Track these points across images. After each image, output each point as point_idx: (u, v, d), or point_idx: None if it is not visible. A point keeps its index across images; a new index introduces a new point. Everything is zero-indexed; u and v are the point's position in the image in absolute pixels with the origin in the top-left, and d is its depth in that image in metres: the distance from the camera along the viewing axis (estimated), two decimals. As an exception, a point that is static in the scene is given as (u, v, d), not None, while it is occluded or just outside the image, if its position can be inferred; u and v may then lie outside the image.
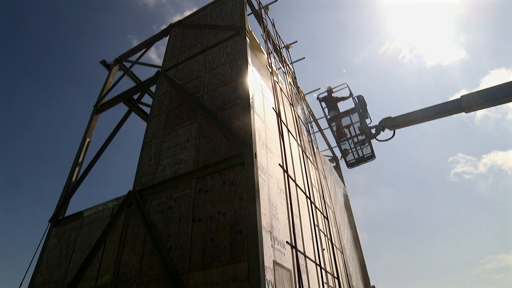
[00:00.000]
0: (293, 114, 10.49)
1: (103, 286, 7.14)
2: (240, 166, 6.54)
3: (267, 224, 6.09)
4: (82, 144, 11.32)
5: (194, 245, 6.20)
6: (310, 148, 11.69)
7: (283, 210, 7.09)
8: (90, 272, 7.69)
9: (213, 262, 5.79)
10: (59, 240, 9.20)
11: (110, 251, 7.60)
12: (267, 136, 7.82)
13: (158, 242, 6.66)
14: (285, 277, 6.24)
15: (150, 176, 8.08)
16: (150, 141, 8.93)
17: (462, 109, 10.90)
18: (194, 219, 6.50)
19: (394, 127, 12.13)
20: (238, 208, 6.05)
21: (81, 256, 8.19)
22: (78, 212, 9.32)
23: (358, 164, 14.40)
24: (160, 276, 6.30)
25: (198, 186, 6.91)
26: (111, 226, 7.93)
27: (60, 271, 8.43)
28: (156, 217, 7.13)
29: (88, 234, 8.53)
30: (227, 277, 5.52)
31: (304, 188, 8.52)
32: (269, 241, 5.99)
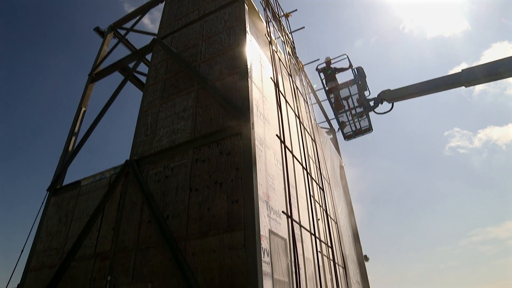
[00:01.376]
0: (291, 84, 10.35)
1: (103, 253, 7.30)
2: (237, 136, 6.51)
3: (263, 194, 6.15)
4: (78, 114, 11.20)
5: (191, 214, 6.29)
6: (307, 119, 11.64)
7: (279, 181, 7.14)
8: (89, 239, 7.83)
9: (210, 230, 5.89)
10: (57, 209, 9.30)
11: (108, 219, 7.71)
12: (265, 106, 7.74)
13: (156, 210, 6.74)
14: (280, 245, 6.38)
15: (147, 145, 8.05)
16: (147, 111, 8.84)
17: (462, 83, 10.80)
18: (191, 189, 6.55)
19: (392, 100, 12.05)
20: (235, 178, 6.08)
21: (80, 224, 8.31)
22: (75, 181, 9.37)
23: (355, 136, 14.42)
24: (158, 244, 6.43)
25: (195, 156, 6.91)
26: (109, 195, 8.00)
27: (60, 239, 8.59)
28: (153, 186, 7.18)
29: (86, 203, 8.62)
30: (224, 245, 5.64)
31: (300, 159, 8.55)
32: (265, 211, 6.07)
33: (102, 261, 7.19)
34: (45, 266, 8.39)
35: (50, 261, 8.37)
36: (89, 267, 7.36)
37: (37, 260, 8.73)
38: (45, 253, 8.69)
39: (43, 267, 8.44)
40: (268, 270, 5.55)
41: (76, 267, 7.67)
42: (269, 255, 5.75)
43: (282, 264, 6.25)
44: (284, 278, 6.16)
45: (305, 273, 7.02)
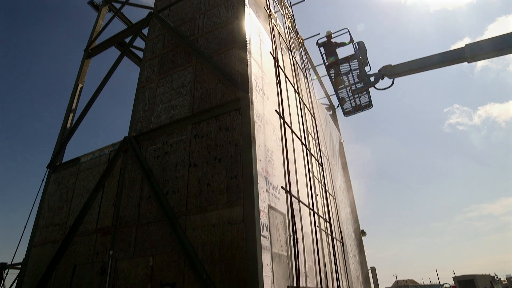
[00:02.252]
0: (290, 59, 10.17)
1: (104, 228, 7.40)
2: (236, 111, 6.45)
3: (262, 170, 6.16)
4: (75, 90, 11.07)
5: (190, 190, 6.32)
6: (307, 95, 11.53)
7: (278, 157, 7.14)
8: (91, 215, 7.92)
9: (210, 205, 5.95)
10: (58, 186, 9.35)
11: (108, 195, 7.76)
12: (264, 81, 7.63)
13: (155, 186, 6.77)
14: (279, 220, 6.46)
15: (145, 122, 8.00)
16: (144, 86, 8.72)
17: (465, 59, 10.61)
18: (190, 164, 6.56)
19: (393, 75, 11.89)
20: (234, 153, 6.07)
21: (80, 200, 8.38)
22: (75, 158, 9.38)
23: (354, 112, 14.33)
24: (158, 219, 6.51)
25: (194, 131, 6.87)
26: (109, 172, 8.03)
27: (62, 215, 8.69)
28: (152, 162, 7.19)
29: (86, 179, 8.66)
30: (223, 220, 5.70)
31: (300, 135, 8.52)
32: (264, 186, 6.10)
33: (104, 236, 7.30)
34: (48, 241, 8.54)
35: (53, 237, 8.51)
36: (92, 242, 7.48)
37: (40, 235, 8.87)
38: (47, 229, 8.81)
39: (46, 242, 8.59)
40: (267, 244, 5.64)
41: (78, 242, 7.80)
42: (268, 230, 5.83)
43: (281, 238, 6.34)
44: (282, 252, 6.27)
45: (303, 247, 7.15)
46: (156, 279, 6.05)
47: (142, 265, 6.37)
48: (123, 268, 6.62)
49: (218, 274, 5.38)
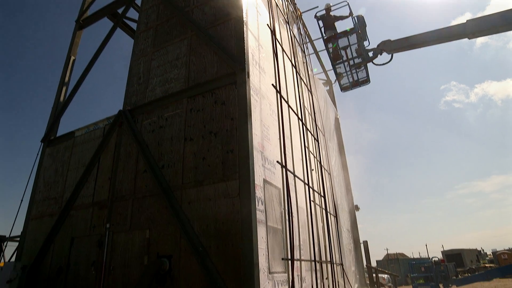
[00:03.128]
0: (288, 33, 9.95)
1: (100, 202, 7.43)
2: (232, 85, 6.35)
3: (258, 145, 6.14)
4: (67, 62, 10.82)
5: (186, 164, 6.32)
6: (304, 69, 11.37)
7: (274, 131, 7.11)
8: (87, 189, 7.94)
9: (205, 179, 5.96)
10: (53, 160, 9.32)
11: (104, 169, 7.75)
12: (261, 55, 7.48)
13: (151, 160, 6.76)
14: (274, 194, 6.51)
15: (140, 95, 7.88)
16: (138, 59, 8.53)
17: (465, 35, 10.42)
18: (185, 138, 6.52)
19: (392, 51, 11.69)
20: (230, 128, 6.03)
21: (76, 174, 8.38)
22: (69, 132, 9.30)
23: (352, 88, 14.18)
24: (154, 193, 6.54)
25: (189, 105, 6.79)
26: (104, 146, 7.98)
27: (58, 189, 8.70)
28: (147, 136, 7.14)
29: (81, 153, 8.62)
30: (219, 193, 5.73)
31: (296, 110, 8.47)
32: (260, 161, 6.10)
33: (100, 209, 7.35)
34: (45, 214, 8.59)
35: (49, 210, 8.56)
36: (88, 216, 7.54)
37: (37, 209, 8.92)
38: (44, 203, 8.85)
39: (43, 215, 8.65)
40: (262, 218, 5.70)
41: (75, 215, 7.86)
42: (263, 204, 5.88)
43: (276, 212, 6.42)
44: (277, 225, 6.36)
45: (298, 221, 7.25)
46: (152, 251, 6.15)
47: (138, 238, 6.45)
48: (120, 240, 6.71)
49: (214, 247, 5.47)
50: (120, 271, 6.45)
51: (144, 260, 6.17)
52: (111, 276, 6.53)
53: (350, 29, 12.20)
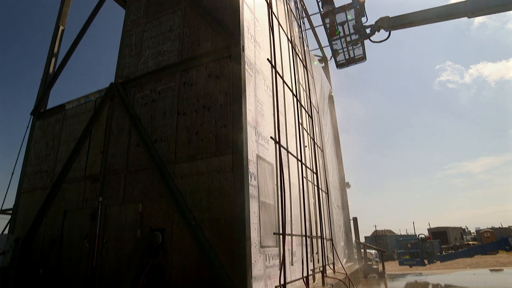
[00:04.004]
0: (285, 7, 9.70)
1: (93, 175, 7.40)
2: (227, 59, 6.22)
3: (252, 120, 6.10)
4: (56, 33, 10.47)
5: (179, 138, 6.27)
6: (300, 45, 11.18)
7: (268, 107, 7.05)
8: (79, 162, 7.88)
9: (198, 154, 5.94)
10: (43, 133, 9.18)
11: (96, 143, 7.68)
12: (256, 28, 7.31)
13: (144, 134, 6.69)
14: (267, 170, 6.53)
15: (132, 68, 7.70)
16: (130, 30, 8.28)
17: (465, 14, 10.22)
18: (179, 112, 6.44)
19: (390, 28, 11.48)
20: (224, 102, 5.95)
21: (67, 148, 8.29)
22: (60, 105, 9.13)
23: (347, 65, 14.03)
24: (147, 167, 6.51)
25: (183, 79, 6.67)
26: (95, 119, 7.86)
27: (49, 162, 8.63)
28: (140, 110, 7.03)
29: (72, 126, 8.50)
30: (212, 168, 5.73)
31: (291, 86, 8.38)
32: (254, 136, 6.08)
33: (93, 183, 7.33)
34: (37, 188, 8.56)
35: (41, 183, 8.52)
36: (81, 189, 7.52)
37: (29, 182, 8.87)
38: (35, 176, 8.79)
39: (35, 189, 8.61)
40: (254, 193, 5.74)
41: (67, 188, 7.83)
42: (256, 179, 5.91)
43: (268, 187, 6.46)
44: (269, 201, 6.42)
45: (290, 196, 7.33)
46: (145, 224, 6.19)
47: (131, 211, 6.48)
48: (113, 214, 6.74)
49: (206, 221, 5.52)
50: (113, 244, 6.51)
51: (137, 233, 6.22)
52: (104, 248, 6.60)
53: (348, 4, 11.92)
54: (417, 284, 12.64)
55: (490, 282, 11.94)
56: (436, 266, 18.49)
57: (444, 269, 18.04)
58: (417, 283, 12.99)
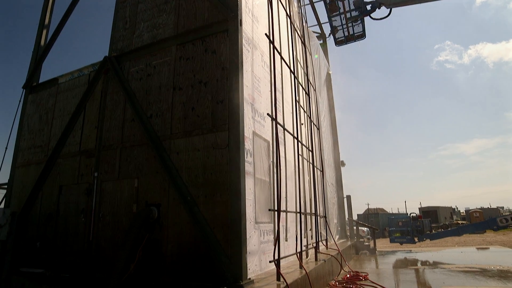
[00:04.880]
0: (283, -20, 9.40)
1: (88, 150, 7.35)
2: (224, 33, 6.07)
3: (249, 96, 6.04)
4: (46, 3, 10.13)
5: (175, 113, 6.21)
6: (299, 20, 10.94)
7: (265, 83, 6.97)
8: (73, 137, 7.81)
9: (194, 130, 5.90)
10: (36, 107, 9.05)
11: (90, 118, 7.58)
12: (254, 2, 7.10)
13: (139, 109, 6.61)
14: (263, 147, 6.53)
15: (127, 41, 7.51)
16: (124, 1, 8.00)
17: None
18: (174, 88, 6.34)
19: (391, 5, 11.27)
20: (220, 78, 5.86)
21: (61, 122, 8.19)
22: (53, 79, 8.95)
23: (346, 42, 13.83)
24: (142, 142, 6.47)
25: (179, 53, 6.52)
26: (89, 93, 7.74)
27: (43, 137, 8.54)
28: (135, 84, 6.91)
29: (66, 101, 8.37)
30: (208, 144, 5.71)
31: (289, 62, 8.25)
32: (250, 113, 6.03)
33: (88, 158, 7.29)
34: (32, 162, 8.51)
35: (36, 158, 8.47)
36: (76, 164, 7.50)
37: (23, 157, 8.81)
38: (30, 151, 8.73)
39: (29, 163, 8.56)
40: (250, 169, 5.76)
41: (62, 163, 7.80)
42: (252, 156, 5.91)
43: (264, 164, 6.48)
44: (265, 177, 6.45)
45: (285, 174, 7.36)
46: (141, 200, 6.22)
47: (127, 186, 6.49)
48: (109, 189, 6.75)
49: (202, 196, 5.55)
50: (110, 219, 6.56)
51: (133, 208, 6.26)
52: (100, 223, 6.65)
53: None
54: (407, 261, 12.98)
55: (476, 259, 12.30)
56: (426, 244, 18.98)
57: (433, 247, 18.53)
58: (406, 260, 13.34)
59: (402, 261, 13.13)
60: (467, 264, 11.10)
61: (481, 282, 8.00)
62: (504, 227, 15.72)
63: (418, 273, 10.09)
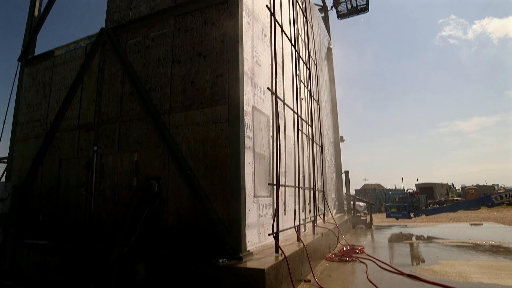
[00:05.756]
0: (285, -52, 9.06)
1: (86, 124, 7.32)
2: (224, 4, 5.91)
3: (249, 70, 5.95)
4: (39, -29, 9.77)
5: (174, 87, 6.14)
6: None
7: (266, 57, 6.86)
8: (71, 111, 7.75)
9: (193, 104, 5.85)
10: (33, 80, 8.92)
11: (88, 91, 7.50)
12: (254, -28, 6.87)
13: (137, 83, 6.53)
14: (262, 121, 6.50)
15: (123, 12, 7.31)
16: (120, -30, 7.73)
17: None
18: (173, 61, 6.24)
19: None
20: (220, 51, 5.75)
21: (59, 96, 8.10)
22: (48, 51, 8.77)
23: (349, 15, 13.50)
24: (141, 116, 6.43)
25: (177, 25, 6.37)
26: (86, 66, 7.61)
27: (41, 111, 8.47)
28: (133, 57, 6.79)
29: (63, 74, 8.24)
30: (207, 118, 5.68)
31: (289, 35, 8.09)
32: (250, 87, 5.97)
33: (87, 132, 7.27)
34: (31, 137, 8.48)
35: (35, 132, 8.44)
36: (75, 138, 7.48)
37: (22, 131, 8.77)
38: (28, 125, 8.68)
39: (28, 138, 8.54)
40: (250, 144, 5.76)
41: (61, 137, 7.78)
42: (252, 130, 5.90)
43: (264, 139, 6.48)
44: (264, 152, 6.47)
45: (285, 148, 7.39)
46: (141, 173, 6.26)
47: (127, 160, 6.51)
48: (109, 163, 6.78)
49: (202, 170, 5.58)
50: (110, 192, 6.62)
51: (133, 182, 6.31)
52: (101, 196, 6.72)
53: None
54: (402, 235, 13.24)
55: (470, 235, 12.55)
56: (421, 219, 19.29)
57: (429, 222, 18.86)
58: (401, 234, 13.60)
59: (398, 236, 13.41)
60: (461, 239, 11.35)
61: (473, 256, 8.20)
62: (499, 204, 15.97)
63: (413, 247, 10.32)
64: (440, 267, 7.02)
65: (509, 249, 9.20)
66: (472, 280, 5.92)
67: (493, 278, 6.04)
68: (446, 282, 5.78)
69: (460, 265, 7.21)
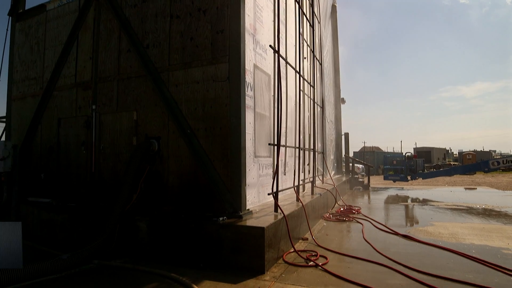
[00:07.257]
0: None
1: (84, 82, 7.16)
2: (224, -46, 5.55)
3: (250, 26, 5.72)
4: None
5: (172, 44, 5.93)
6: None
7: (268, 13, 6.58)
8: (68, 69, 7.56)
9: (193, 61, 5.68)
10: (26, 36, 8.61)
11: (84, 48, 7.26)
12: None
13: (135, 39, 6.30)
14: (264, 81, 6.37)
15: (117, -38, 6.89)
16: None
17: None
18: (172, 16, 5.97)
19: None
20: (220, 5, 5.49)
21: (54, 53, 7.86)
22: (39, 5, 8.38)
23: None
24: (140, 74, 6.27)
25: (175, -24, 6.03)
26: (81, 21, 7.31)
27: (36, 68, 8.26)
28: (129, 11, 6.49)
29: (57, 29, 7.93)
30: (207, 76, 5.55)
31: (293, -10, 7.71)
32: (251, 44, 5.77)
33: (85, 90, 7.13)
34: (27, 95, 8.34)
35: (31, 91, 8.28)
36: (72, 96, 7.36)
37: (18, 90, 8.61)
38: (24, 83, 8.50)
39: (25, 96, 8.40)
40: (250, 103, 5.68)
41: (59, 96, 7.65)
42: (253, 90, 5.79)
43: (265, 99, 6.38)
44: (265, 112, 6.40)
45: (286, 109, 7.31)
46: (141, 132, 6.22)
47: (126, 119, 6.44)
48: (108, 121, 6.71)
49: (202, 129, 5.54)
50: (110, 151, 6.62)
51: (133, 141, 6.29)
52: (101, 155, 6.72)
53: None
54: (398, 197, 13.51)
55: (463, 198, 12.79)
56: (418, 182, 19.61)
57: (425, 185, 19.20)
58: (398, 196, 13.87)
59: (394, 198, 13.68)
60: (455, 202, 11.59)
61: (466, 219, 8.41)
62: (495, 169, 16.16)
63: (408, 208, 10.56)
64: (434, 229, 7.21)
65: (501, 212, 9.43)
66: (464, 241, 6.10)
67: (484, 239, 6.23)
68: (439, 242, 5.96)
69: (453, 227, 7.40)
